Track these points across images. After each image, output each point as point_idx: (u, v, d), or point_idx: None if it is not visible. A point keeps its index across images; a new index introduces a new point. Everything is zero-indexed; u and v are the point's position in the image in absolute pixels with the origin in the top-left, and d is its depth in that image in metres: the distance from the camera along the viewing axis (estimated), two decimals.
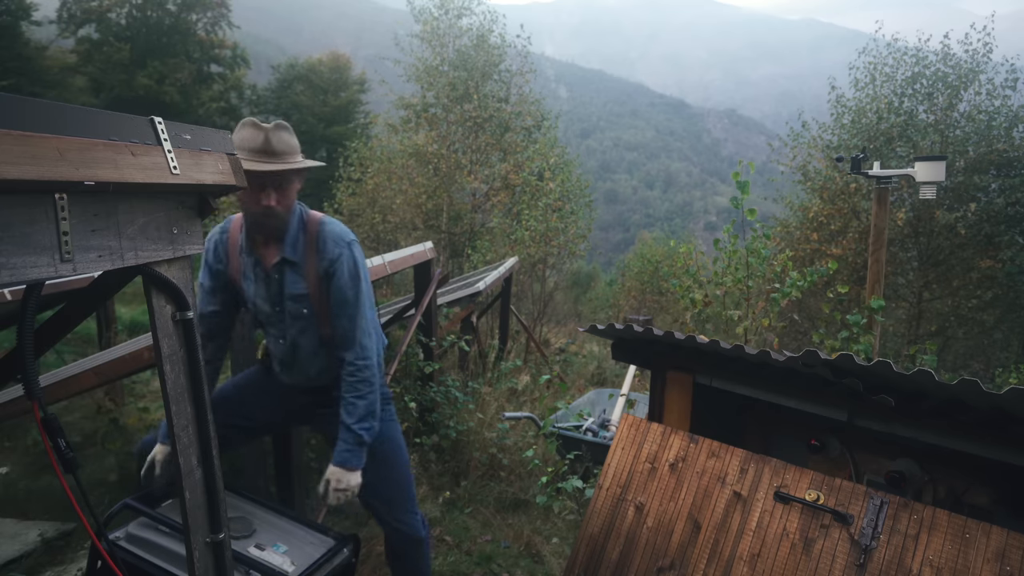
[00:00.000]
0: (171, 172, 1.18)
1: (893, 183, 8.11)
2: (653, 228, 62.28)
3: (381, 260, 4.31)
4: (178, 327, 1.33)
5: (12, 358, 1.60)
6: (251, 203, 1.95)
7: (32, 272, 0.96)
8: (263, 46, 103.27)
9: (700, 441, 2.37)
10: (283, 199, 1.98)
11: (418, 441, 4.22)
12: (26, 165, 0.90)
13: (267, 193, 1.93)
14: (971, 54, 12.17)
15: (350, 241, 2.08)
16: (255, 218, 1.99)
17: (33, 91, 19.95)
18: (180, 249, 1.31)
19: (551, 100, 20.37)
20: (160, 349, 1.28)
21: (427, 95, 15.72)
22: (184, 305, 1.33)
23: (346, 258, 2.04)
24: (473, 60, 15.03)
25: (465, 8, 15.77)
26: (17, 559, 3.04)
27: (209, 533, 1.42)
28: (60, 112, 0.99)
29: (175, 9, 28.36)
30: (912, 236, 12.44)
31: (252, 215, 1.99)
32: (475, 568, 3.16)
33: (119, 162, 1.07)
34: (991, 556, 1.76)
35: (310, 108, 29.94)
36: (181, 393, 1.34)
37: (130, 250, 1.17)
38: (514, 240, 11.71)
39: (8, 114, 0.89)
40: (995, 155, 11.78)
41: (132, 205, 1.17)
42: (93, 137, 1.04)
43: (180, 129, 1.25)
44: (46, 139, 0.94)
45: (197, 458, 1.38)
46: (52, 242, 1.00)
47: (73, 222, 1.03)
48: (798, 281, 4.65)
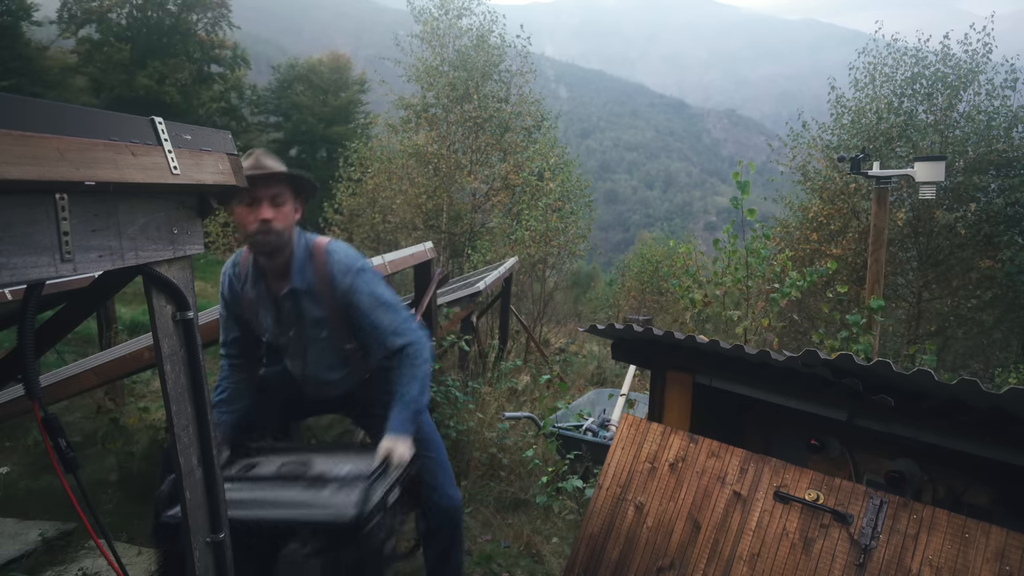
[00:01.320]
0: (171, 172, 1.18)
1: (893, 183, 8.11)
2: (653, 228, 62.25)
3: (381, 260, 4.31)
4: (178, 327, 1.33)
5: (12, 358, 1.61)
6: (248, 222, 1.96)
7: (32, 272, 0.97)
8: (263, 46, 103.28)
9: (700, 441, 2.37)
10: (280, 215, 1.98)
11: None
12: (26, 165, 0.90)
13: (262, 208, 1.94)
14: (971, 54, 12.17)
15: (359, 269, 2.10)
16: (254, 239, 1.99)
17: (33, 91, 19.96)
18: (180, 249, 1.31)
19: (551, 100, 20.36)
20: (160, 349, 1.28)
21: (427, 95, 15.72)
22: (184, 305, 1.33)
23: (360, 284, 2.08)
24: (473, 60, 15.03)
25: (465, 8, 15.78)
26: (17, 559, 3.04)
27: (209, 533, 1.42)
28: (60, 112, 0.99)
29: (175, 9, 28.37)
30: (912, 236, 12.44)
31: (252, 237, 1.99)
32: (475, 568, 3.16)
33: (119, 162, 1.07)
34: (991, 556, 1.76)
35: (310, 108, 29.95)
36: (181, 393, 1.34)
37: (130, 250, 1.17)
38: (514, 240, 11.71)
39: (8, 114, 0.89)
40: (995, 155, 11.78)
41: (132, 205, 1.17)
42: (93, 137, 1.04)
43: (180, 129, 1.25)
44: (46, 139, 0.94)
45: (197, 458, 1.38)
46: (52, 242, 1.00)
47: (73, 222, 1.03)
48: (798, 281, 4.65)
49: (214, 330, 2.92)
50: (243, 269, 2.16)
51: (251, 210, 1.95)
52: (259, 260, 2.10)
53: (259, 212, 1.94)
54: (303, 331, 2.15)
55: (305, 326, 2.14)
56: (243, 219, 1.97)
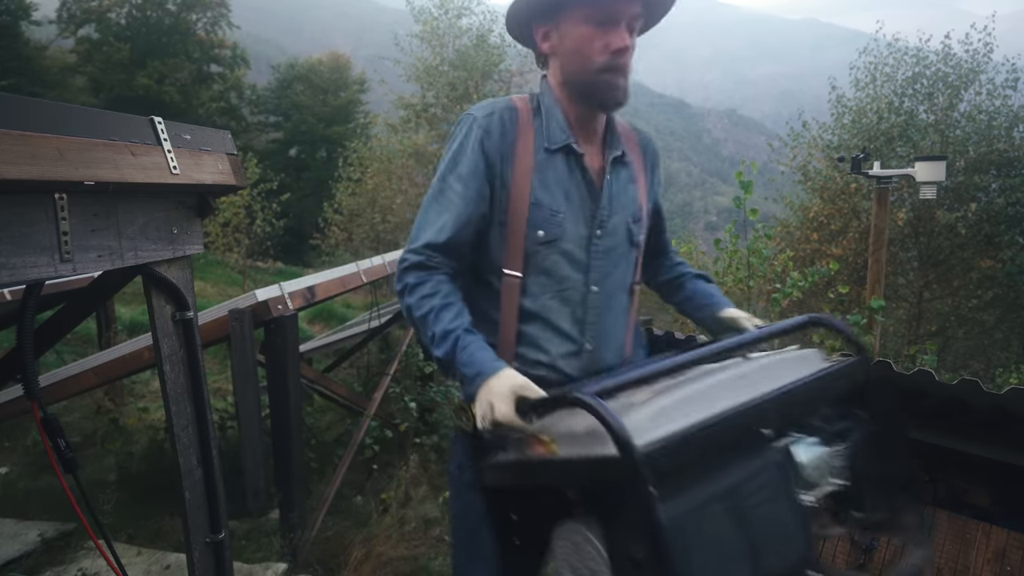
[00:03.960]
0: (171, 172, 1.18)
1: (893, 183, 8.10)
2: None
3: (381, 260, 4.31)
4: (178, 327, 1.33)
5: (12, 358, 1.60)
6: (596, 49, 1.27)
7: (32, 272, 0.96)
8: (263, 46, 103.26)
9: None
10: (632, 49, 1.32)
11: (418, 441, 4.22)
12: (26, 165, 0.90)
13: (620, 31, 1.27)
14: (971, 54, 12.17)
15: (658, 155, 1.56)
16: (603, 76, 1.29)
17: (33, 91, 19.96)
18: (180, 249, 1.31)
19: None
20: (160, 349, 1.28)
21: (427, 95, 15.72)
22: (184, 305, 1.32)
23: (657, 152, 1.54)
24: (473, 60, 15.03)
25: (465, 8, 15.79)
26: (17, 559, 3.04)
27: (209, 533, 1.42)
28: (60, 112, 0.99)
29: (175, 9, 28.36)
30: (912, 236, 12.43)
31: (600, 72, 1.29)
32: None
33: (119, 162, 1.07)
34: (991, 556, 1.76)
35: (310, 108, 29.94)
36: (181, 393, 1.34)
37: (130, 250, 1.17)
38: None
39: (8, 114, 0.89)
40: (995, 155, 11.77)
41: (132, 205, 1.17)
42: (93, 137, 1.03)
43: (180, 129, 1.25)
44: (46, 139, 0.94)
45: (197, 458, 1.38)
46: (52, 242, 1.00)
47: (73, 222, 1.03)
48: (799, 281, 4.65)
49: (214, 330, 2.92)
50: (525, 120, 1.34)
51: (603, 32, 1.27)
52: (579, 109, 1.35)
53: (617, 35, 1.27)
54: (620, 231, 1.38)
55: (625, 223, 1.39)
56: (587, 45, 1.28)
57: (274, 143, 29.84)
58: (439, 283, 1.28)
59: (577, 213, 1.33)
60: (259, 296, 2.96)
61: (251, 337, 2.94)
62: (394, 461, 4.10)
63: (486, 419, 1.12)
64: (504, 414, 1.10)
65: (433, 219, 1.33)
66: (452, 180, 1.32)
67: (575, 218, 1.33)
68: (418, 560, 3.14)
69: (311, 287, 3.46)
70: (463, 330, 1.22)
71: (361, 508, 3.69)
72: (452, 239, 1.30)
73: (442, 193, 1.33)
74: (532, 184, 1.31)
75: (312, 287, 3.47)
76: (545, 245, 1.31)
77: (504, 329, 1.32)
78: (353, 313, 11.82)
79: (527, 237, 1.30)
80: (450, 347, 1.21)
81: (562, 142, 1.33)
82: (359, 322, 7.18)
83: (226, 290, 13.97)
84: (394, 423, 4.15)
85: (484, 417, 1.13)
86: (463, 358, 1.20)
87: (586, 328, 1.35)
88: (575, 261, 1.33)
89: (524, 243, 1.31)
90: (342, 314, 12.31)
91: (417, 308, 1.26)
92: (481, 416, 1.14)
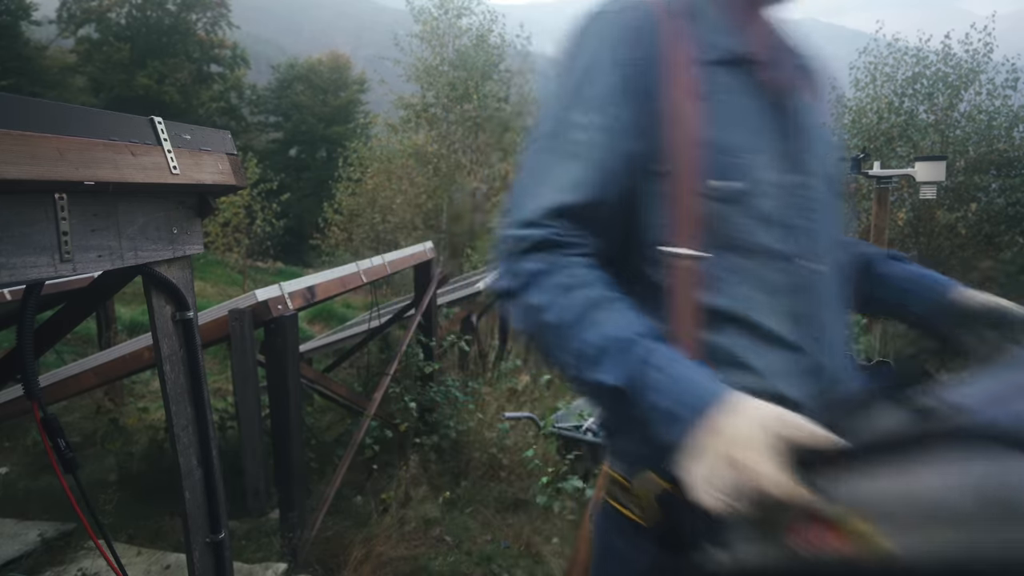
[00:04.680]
0: (171, 172, 1.18)
1: (893, 183, 8.11)
2: None
3: (381, 260, 4.31)
4: (178, 327, 1.33)
5: (12, 358, 1.60)
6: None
7: (32, 272, 0.96)
8: (263, 46, 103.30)
9: None
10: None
11: (418, 441, 4.22)
12: (26, 165, 0.90)
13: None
14: (971, 54, 12.18)
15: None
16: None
17: (33, 91, 19.96)
18: (180, 249, 1.31)
19: None
20: (160, 349, 1.28)
21: (427, 95, 15.74)
22: (184, 305, 1.33)
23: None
24: (473, 60, 15.04)
25: (465, 8, 15.80)
26: (17, 559, 3.04)
27: (209, 533, 1.42)
28: (60, 112, 0.99)
29: (175, 9, 28.39)
30: (912, 236, 12.45)
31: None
32: (475, 568, 3.16)
33: (119, 162, 1.07)
34: None
35: (310, 108, 29.95)
36: (181, 393, 1.34)
37: (130, 250, 1.17)
38: None
39: (8, 114, 0.89)
40: (995, 155, 11.79)
41: (132, 205, 1.17)
42: (93, 137, 1.03)
43: (180, 129, 1.25)
44: (46, 139, 0.94)
45: (197, 458, 1.38)
46: (52, 242, 1.00)
47: (73, 222, 1.03)
48: None
49: (214, 330, 2.92)
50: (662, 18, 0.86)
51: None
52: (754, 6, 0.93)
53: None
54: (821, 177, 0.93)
55: (826, 166, 0.96)
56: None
57: (274, 143, 29.86)
58: (584, 269, 0.79)
59: (768, 152, 0.86)
60: (259, 296, 2.96)
61: (251, 337, 2.94)
62: (394, 461, 4.10)
63: (737, 492, 0.61)
64: (776, 481, 0.59)
65: (558, 172, 0.83)
66: (579, 113, 0.84)
67: (766, 160, 0.86)
68: (418, 560, 3.14)
69: (311, 287, 3.45)
70: (649, 337, 0.73)
71: (361, 508, 3.69)
72: (594, 199, 0.81)
73: (563, 135, 0.84)
74: (697, 113, 0.83)
75: (312, 287, 3.47)
76: (729, 204, 0.83)
77: (676, 343, 0.80)
78: (353, 313, 11.84)
79: (700, 193, 0.82)
80: (629, 368, 0.71)
81: (731, 50, 0.87)
82: (359, 322, 7.18)
83: (226, 290, 13.97)
84: (394, 423, 4.16)
85: (730, 490, 0.62)
86: (658, 382, 0.69)
87: (810, 327, 0.87)
88: (779, 225, 0.85)
89: (696, 203, 0.82)
90: (342, 314, 12.32)
91: (550, 310, 0.77)
92: (718, 489, 0.63)
